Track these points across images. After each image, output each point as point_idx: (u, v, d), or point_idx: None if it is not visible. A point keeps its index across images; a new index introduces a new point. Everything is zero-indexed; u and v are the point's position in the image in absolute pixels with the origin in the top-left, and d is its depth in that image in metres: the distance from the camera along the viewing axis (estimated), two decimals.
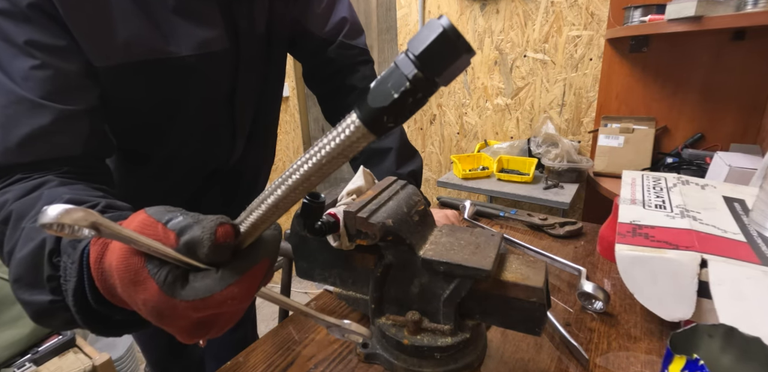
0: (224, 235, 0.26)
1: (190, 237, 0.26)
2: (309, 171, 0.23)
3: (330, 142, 0.22)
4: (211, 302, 0.25)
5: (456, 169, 1.57)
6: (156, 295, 0.25)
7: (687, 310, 0.49)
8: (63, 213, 0.21)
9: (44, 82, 0.43)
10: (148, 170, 0.64)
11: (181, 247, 0.26)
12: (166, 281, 0.25)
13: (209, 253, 0.25)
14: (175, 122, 0.59)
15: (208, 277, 0.26)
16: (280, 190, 0.25)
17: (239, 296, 0.26)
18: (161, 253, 0.25)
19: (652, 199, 0.67)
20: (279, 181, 0.25)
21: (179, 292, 0.25)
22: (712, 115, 1.33)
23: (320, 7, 0.69)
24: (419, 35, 0.20)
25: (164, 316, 0.26)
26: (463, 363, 0.47)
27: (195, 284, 0.26)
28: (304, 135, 2.29)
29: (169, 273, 0.25)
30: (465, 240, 0.46)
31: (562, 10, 1.47)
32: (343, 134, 0.22)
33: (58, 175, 0.42)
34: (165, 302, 0.25)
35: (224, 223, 0.26)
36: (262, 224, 0.27)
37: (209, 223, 0.26)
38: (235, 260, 0.27)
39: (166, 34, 0.51)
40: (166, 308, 0.26)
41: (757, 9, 0.92)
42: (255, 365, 0.51)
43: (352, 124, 0.22)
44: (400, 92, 0.20)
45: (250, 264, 0.27)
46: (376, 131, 0.21)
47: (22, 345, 1.03)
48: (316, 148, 0.23)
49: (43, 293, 0.32)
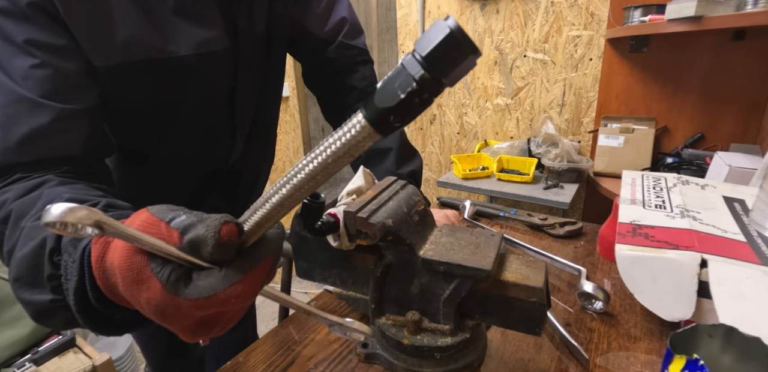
0: (228, 233, 0.26)
1: (194, 235, 0.25)
2: (314, 170, 0.23)
3: (336, 142, 0.22)
4: (214, 301, 0.25)
5: (456, 169, 1.57)
6: (159, 294, 0.25)
7: (687, 310, 0.49)
8: (67, 211, 0.21)
9: (44, 81, 0.43)
10: (148, 170, 0.64)
11: (184, 245, 0.26)
12: (169, 280, 0.25)
13: (213, 252, 0.25)
14: (175, 122, 0.59)
15: (212, 275, 0.26)
16: (285, 188, 0.25)
17: (243, 295, 0.26)
18: (165, 251, 0.25)
19: (652, 199, 0.67)
20: (284, 180, 0.25)
21: (183, 290, 0.25)
22: (712, 115, 1.33)
23: (320, 7, 0.69)
24: (426, 36, 0.20)
25: (167, 315, 0.26)
26: (463, 363, 0.47)
27: (199, 283, 0.26)
28: (304, 135, 2.29)
29: (173, 271, 0.25)
30: (465, 240, 0.46)
31: (562, 10, 1.47)
32: (349, 134, 0.22)
33: (57, 174, 0.42)
34: (168, 301, 0.25)
35: (228, 221, 0.26)
36: (266, 223, 0.27)
37: (213, 221, 0.26)
38: (239, 259, 0.27)
39: (165, 34, 0.51)
40: (170, 307, 0.26)
41: (757, 9, 0.92)
42: (255, 365, 0.51)
43: (358, 124, 0.22)
44: (406, 92, 0.20)
45: (254, 262, 0.27)
46: (382, 131, 0.22)
47: (22, 345, 1.03)
48: (322, 148, 0.23)
49: (43, 292, 0.32)
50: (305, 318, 0.59)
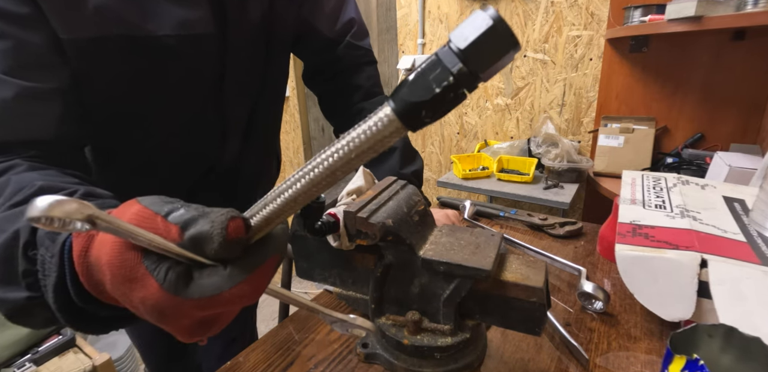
0: (236, 230, 0.24)
1: (197, 232, 0.24)
2: (334, 164, 0.22)
3: (360, 136, 0.21)
4: (219, 300, 0.24)
5: (456, 169, 1.57)
6: (157, 293, 0.24)
7: (687, 310, 0.49)
8: (54, 204, 0.19)
9: (4, 54, 0.39)
10: (130, 165, 0.61)
11: (185, 242, 0.24)
12: (167, 278, 0.23)
13: (219, 250, 0.24)
14: (155, 113, 0.54)
15: (216, 274, 0.24)
16: (300, 183, 0.23)
17: (249, 294, 0.25)
18: (163, 248, 0.23)
19: (652, 199, 0.67)
20: (300, 174, 0.23)
21: (184, 289, 0.24)
22: (712, 115, 1.33)
23: (329, 6, 0.68)
24: (464, 27, 0.19)
25: (166, 315, 0.25)
26: (463, 363, 0.47)
27: (202, 282, 0.24)
28: (304, 135, 2.29)
29: (170, 269, 0.24)
30: (465, 240, 0.46)
31: (562, 10, 1.47)
32: (375, 127, 0.21)
33: (25, 158, 0.39)
34: (167, 301, 0.24)
35: (236, 216, 0.24)
36: (276, 218, 0.25)
37: (219, 216, 0.24)
38: (245, 256, 0.25)
39: (144, 11, 0.46)
40: (169, 307, 0.24)
41: (757, 9, 0.92)
42: (255, 365, 0.51)
43: (386, 118, 0.20)
44: (442, 87, 0.19)
45: (261, 260, 0.25)
46: (413, 126, 0.20)
47: (22, 345, 1.03)
48: (344, 142, 0.22)
49: (18, 290, 0.29)
50: (305, 318, 0.59)
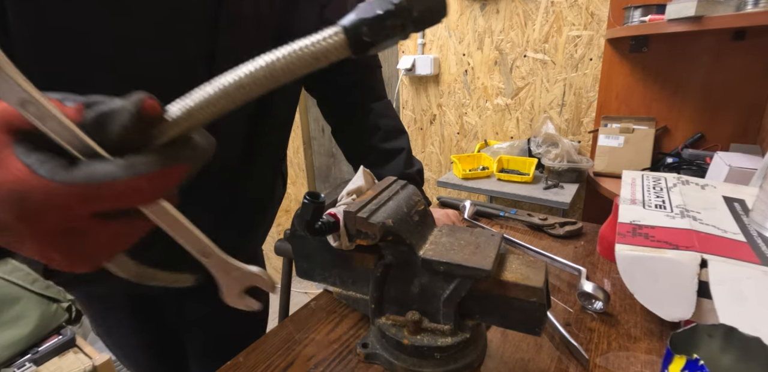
0: (152, 107, 0.20)
1: (107, 107, 0.20)
2: (276, 65, 0.23)
3: (307, 46, 0.23)
4: (108, 189, 0.20)
5: (456, 169, 1.57)
6: (20, 174, 0.19)
7: (687, 310, 0.49)
8: None
9: None
10: None
11: (88, 119, 0.20)
12: (42, 163, 0.19)
13: (129, 126, 0.20)
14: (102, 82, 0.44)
15: (112, 163, 0.20)
16: (239, 75, 0.22)
17: (146, 191, 0.21)
18: (54, 130, 0.20)
19: (652, 199, 0.67)
20: (241, 69, 0.22)
21: (61, 173, 0.19)
22: (712, 115, 1.33)
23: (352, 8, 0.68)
24: None
25: (28, 205, 0.20)
26: (463, 363, 0.47)
27: (91, 167, 0.20)
28: (304, 135, 2.29)
29: (48, 158, 0.20)
30: (465, 240, 0.46)
31: (562, 10, 1.47)
32: (323, 41, 0.23)
33: None
34: (34, 183, 0.19)
35: (153, 98, 0.21)
36: (199, 112, 0.22)
37: (133, 95, 0.20)
38: (153, 152, 0.21)
39: None
40: (35, 192, 0.19)
41: (757, 9, 0.92)
42: (255, 365, 0.51)
43: (332, 32, 0.23)
44: (384, 10, 0.23)
45: (171, 161, 0.21)
46: (354, 42, 0.23)
47: (22, 345, 1.03)
48: (291, 48, 0.23)
49: None
50: (305, 318, 0.59)
